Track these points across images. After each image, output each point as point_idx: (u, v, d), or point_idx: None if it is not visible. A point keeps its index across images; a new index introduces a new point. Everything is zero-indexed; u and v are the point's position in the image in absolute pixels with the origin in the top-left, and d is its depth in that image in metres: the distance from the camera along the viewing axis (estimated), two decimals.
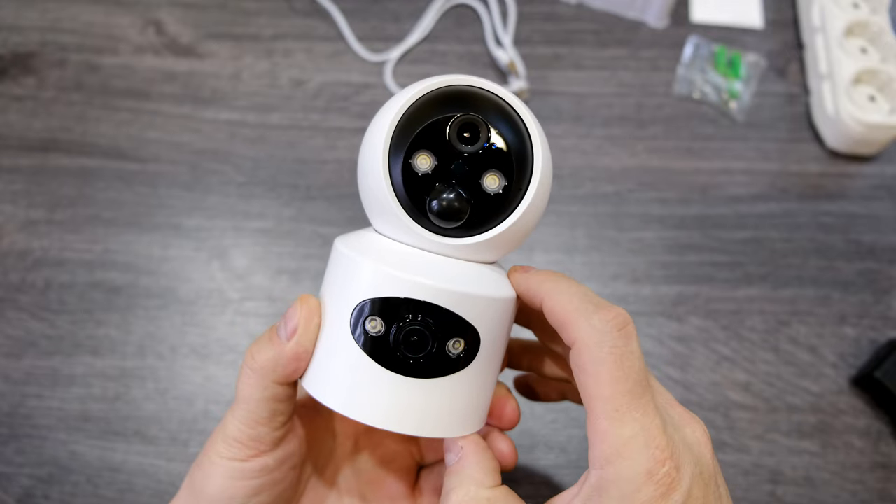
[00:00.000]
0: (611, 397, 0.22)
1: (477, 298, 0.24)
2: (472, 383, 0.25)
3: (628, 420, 0.22)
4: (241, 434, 0.26)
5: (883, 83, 0.52)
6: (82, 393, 0.43)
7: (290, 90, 0.53)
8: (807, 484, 0.42)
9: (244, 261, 0.47)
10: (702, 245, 0.49)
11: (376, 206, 0.25)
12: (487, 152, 0.24)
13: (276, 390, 0.26)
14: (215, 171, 0.50)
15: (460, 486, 0.25)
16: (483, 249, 0.25)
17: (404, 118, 0.24)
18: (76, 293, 0.46)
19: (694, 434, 0.24)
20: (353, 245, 0.25)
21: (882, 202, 0.51)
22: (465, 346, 0.24)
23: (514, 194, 0.24)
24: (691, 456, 0.22)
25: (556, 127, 0.52)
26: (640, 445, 0.22)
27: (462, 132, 0.24)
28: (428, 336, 0.24)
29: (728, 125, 0.53)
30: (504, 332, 0.26)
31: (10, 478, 0.41)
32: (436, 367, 0.24)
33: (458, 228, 0.24)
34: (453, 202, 0.23)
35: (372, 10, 0.56)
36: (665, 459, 0.22)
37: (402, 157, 0.24)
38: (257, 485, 0.27)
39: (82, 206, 0.48)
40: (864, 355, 0.46)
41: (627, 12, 0.57)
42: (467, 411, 0.25)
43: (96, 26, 0.55)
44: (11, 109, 0.52)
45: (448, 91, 0.24)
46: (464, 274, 0.24)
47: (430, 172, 0.24)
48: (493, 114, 0.24)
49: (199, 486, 0.27)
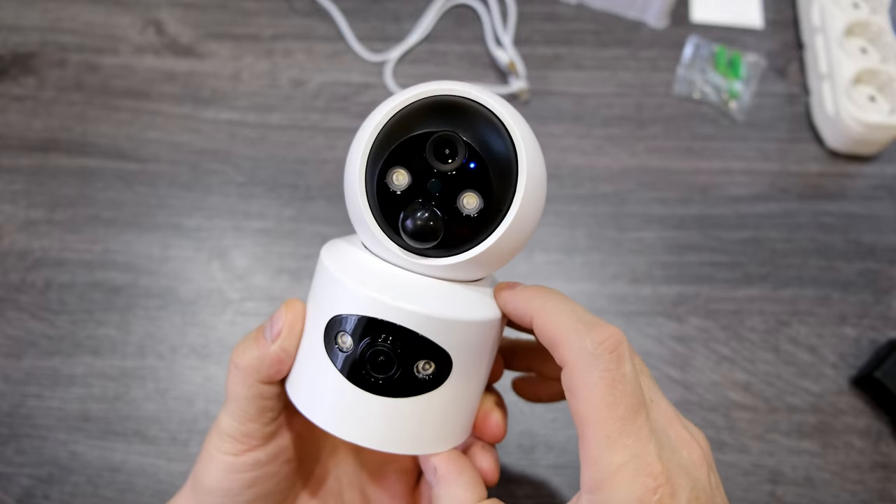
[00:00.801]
0: (601, 423, 0.22)
1: (445, 322, 0.23)
2: (444, 403, 0.25)
3: (619, 447, 0.21)
4: (232, 430, 0.27)
5: (883, 83, 0.52)
6: (82, 393, 0.43)
7: (290, 90, 0.53)
8: (807, 484, 0.42)
9: (244, 261, 0.47)
10: (702, 245, 0.49)
11: (356, 219, 0.24)
12: (465, 171, 0.22)
13: (261, 389, 0.26)
14: (215, 171, 0.50)
15: None
16: (461, 270, 0.24)
17: (383, 132, 0.23)
18: (76, 293, 0.46)
19: (691, 457, 0.23)
20: (334, 256, 0.25)
21: (882, 202, 0.51)
22: (434, 368, 0.24)
23: (494, 215, 0.23)
24: (688, 479, 0.22)
25: (556, 127, 0.52)
26: (631, 473, 0.21)
27: (440, 149, 0.23)
28: (392, 357, 0.23)
29: (728, 125, 0.53)
30: (483, 351, 0.25)
31: (10, 478, 0.41)
32: (402, 388, 0.24)
33: (436, 248, 0.23)
34: (427, 221, 0.22)
35: (372, 10, 0.56)
36: (657, 487, 0.21)
37: (377, 173, 0.23)
38: (251, 478, 0.27)
39: (82, 206, 0.48)
40: (864, 355, 0.46)
41: (627, 12, 0.57)
42: (439, 429, 0.25)
43: (96, 26, 0.55)
44: (11, 109, 0.52)
45: (431, 102, 0.23)
46: (437, 295, 0.24)
47: (406, 190, 0.23)
48: (477, 128, 0.23)
49: (199, 479, 0.28)
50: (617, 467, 0.21)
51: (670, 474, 0.21)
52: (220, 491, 0.27)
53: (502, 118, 0.23)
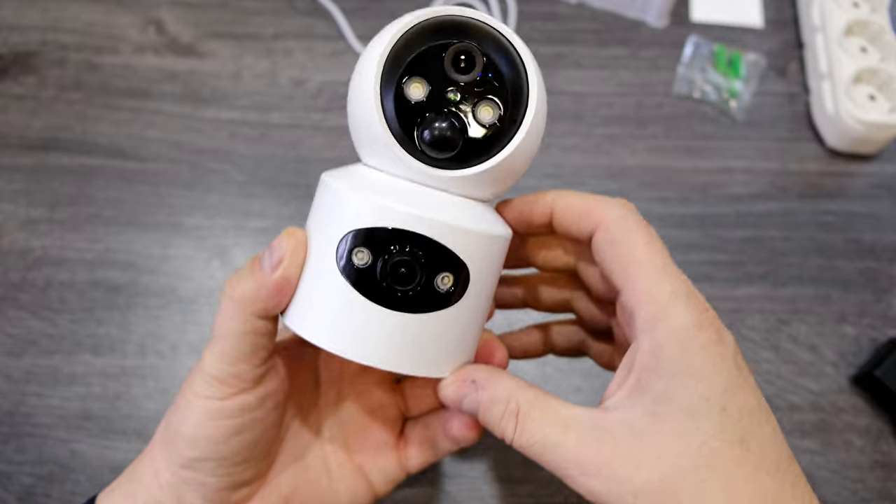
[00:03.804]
0: (649, 258, 0.24)
1: (468, 233, 0.23)
2: (460, 322, 0.24)
3: (668, 277, 0.23)
4: (219, 371, 0.25)
5: (883, 82, 0.52)
6: (83, 391, 0.43)
7: (290, 89, 0.53)
8: (807, 482, 0.42)
9: (245, 260, 0.47)
10: (702, 244, 0.49)
11: (366, 137, 0.24)
12: (482, 82, 0.23)
13: (256, 324, 0.25)
14: (216, 170, 0.50)
15: (508, 401, 0.24)
16: (476, 183, 0.24)
17: (398, 45, 0.23)
18: (76, 292, 0.46)
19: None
20: (342, 177, 0.25)
21: (882, 201, 0.51)
22: (454, 281, 0.23)
23: (509, 126, 0.23)
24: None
25: (557, 126, 0.52)
26: (685, 297, 0.23)
27: (457, 61, 0.23)
28: (416, 268, 0.23)
29: (728, 124, 0.53)
30: (494, 271, 0.25)
31: (10, 476, 0.41)
32: (423, 302, 0.23)
33: (451, 160, 0.23)
34: (446, 131, 0.23)
35: (372, 10, 0.56)
36: (708, 308, 0.23)
37: (394, 84, 0.23)
38: (238, 424, 0.25)
39: (83, 205, 0.48)
40: (865, 354, 0.46)
41: (627, 12, 0.57)
42: (453, 351, 0.25)
43: (97, 26, 0.55)
44: (12, 109, 0.52)
45: (444, 20, 0.23)
46: (455, 207, 0.24)
47: (423, 101, 0.23)
48: (489, 44, 0.23)
49: (174, 430, 0.26)
50: (670, 296, 0.23)
51: (706, 302, 0.23)
52: (202, 439, 0.25)
53: (509, 37, 0.24)
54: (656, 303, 0.23)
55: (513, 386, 0.24)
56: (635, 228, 0.24)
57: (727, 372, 0.22)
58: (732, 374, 0.22)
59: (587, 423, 0.22)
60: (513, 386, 0.24)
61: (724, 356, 0.22)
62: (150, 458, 0.27)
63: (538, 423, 0.23)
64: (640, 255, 0.24)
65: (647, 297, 0.23)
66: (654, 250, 0.24)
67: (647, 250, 0.24)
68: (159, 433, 0.27)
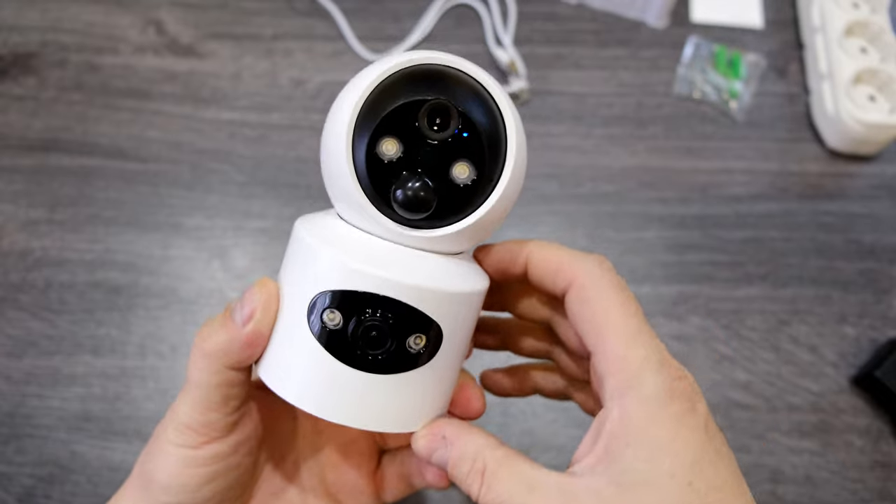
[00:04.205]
0: (622, 322, 0.23)
1: (441, 293, 0.23)
2: (433, 378, 0.24)
3: (640, 343, 0.22)
4: (191, 420, 0.25)
5: (883, 83, 0.52)
6: (83, 392, 0.43)
7: (290, 90, 0.53)
8: (807, 483, 0.42)
9: (245, 260, 0.47)
10: (702, 244, 0.49)
11: (338, 192, 0.23)
12: (458, 140, 0.22)
13: (228, 375, 0.24)
14: (216, 170, 0.50)
15: (475, 460, 0.24)
16: (450, 241, 0.23)
17: (370, 98, 0.22)
18: (77, 293, 0.46)
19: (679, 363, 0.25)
20: (314, 230, 0.24)
21: (882, 202, 0.51)
22: (426, 342, 0.23)
23: (485, 185, 0.23)
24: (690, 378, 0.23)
25: (556, 126, 0.52)
26: (656, 364, 0.22)
27: (432, 118, 0.22)
28: (387, 332, 0.22)
29: (728, 125, 0.53)
30: (468, 324, 0.25)
31: (10, 477, 0.41)
32: (395, 364, 0.23)
33: (425, 219, 0.23)
34: (419, 192, 0.22)
35: (372, 10, 0.56)
36: (681, 376, 0.22)
37: (366, 141, 0.22)
38: (211, 472, 0.25)
39: (83, 205, 0.48)
40: (865, 355, 0.46)
41: (627, 12, 0.57)
42: (426, 405, 0.25)
43: (97, 26, 0.55)
44: (12, 109, 0.52)
45: (419, 70, 0.22)
46: (428, 267, 0.23)
47: (396, 160, 0.22)
48: (466, 97, 0.22)
49: (148, 475, 0.26)
50: (641, 362, 0.22)
51: (684, 370, 0.23)
52: (176, 487, 0.25)
53: (488, 87, 0.23)
54: (627, 369, 0.22)
55: (481, 444, 0.24)
56: (609, 288, 0.24)
57: (697, 444, 0.21)
58: (702, 448, 0.21)
59: (553, 487, 0.22)
60: (481, 444, 0.24)
61: (694, 427, 0.21)
62: (131, 496, 0.27)
63: (504, 483, 0.23)
64: (613, 317, 0.23)
65: (619, 362, 0.22)
66: (628, 312, 0.23)
67: (620, 312, 0.23)
68: (134, 476, 0.27)
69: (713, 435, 0.22)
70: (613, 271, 0.24)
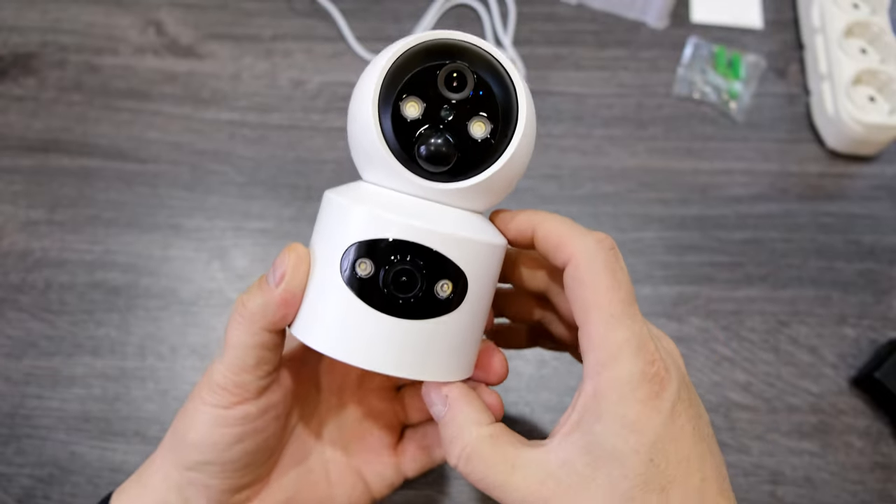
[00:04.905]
0: (606, 305, 0.24)
1: (465, 241, 0.25)
2: (459, 327, 0.26)
3: (622, 326, 0.23)
4: (225, 381, 0.26)
5: (883, 83, 0.52)
6: (82, 393, 0.43)
7: (290, 90, 0.53)
8: (807, 484, 0.42)
9: (244, 261, 0.47)
10: (702, 245, 0.49)
11: (366, 154, 0.25)
12: (474, 99, 0.25)
13: (264, 337, 0.26)
14: (215, 171, 0.50)
15: (460, 431, 0.25)
16: (471, 195, 0.25)
17: (394, 67, 0.25)
18: (76, 293, 0.46)
19: (669, 344, 0.26)
20: (344, 193, 0.26)
21: (882, 202, 0.51)
22: (453, 288, 0.25)
23: (501, 140, 0.25)
24: (672, 362, 0.24)
25: (556, 127, 0.52)
26: (634, 348, 0.23)
27: (450, 80, 0.24)
28: (416, 276, 0.24)
29: (728, 125, 0.53)
30: (491, 278, 0.26)
31: (10, 478, 0.41)
32: (424, 309, 0.25)
33: (446, 174, 0.25)
34: (441, 146, 0.24)
35: (372, 10, 0.56)
36: (655, 360, 0.23)
37: (391, 103, 0.24)
38: (240, 432, 0.27)
39: (83, 206, 0.48)
40: (865, 356, 0.46)
41: (627, 12, 0.57)
42: (453, 356, 0.26)
43: (96, 27, 0.55)
44: (12, 110, 0.52)
45: (436, 44, 0.25)
46: (452, 218, 0.25)
47: (419, 118, 0.24)
48: (480, 63, 0.25)
49: (181, 433, 0.27)
50: (620, 344, 0.23)
51: (661, 353, 0.24)
52: (206, 445, 0.27)
53: (499, 58, 0.26)
54: (606, 350, 0.23)
55: (474, 418, 0.25)
56: (601, 270, 0.24)
57: (660, 425, 0.23)
58: (664, 427, 0.23)
59: (532, 465, 0.24)
60: (474, 418, 0.25)
61: (659, 409, 0.23)
62: (160, 460, 0.28)
63: (485, 461, 0.24)
64: (600, 299, 0.24)
65: (599, 342, 0.24)
66: (616, 297, 0.24)
67: (607, 296, 0.24)
68: (168, 436, 0.28)
69: (678, 413, 0.23)
70: (611, 251, 0.25)
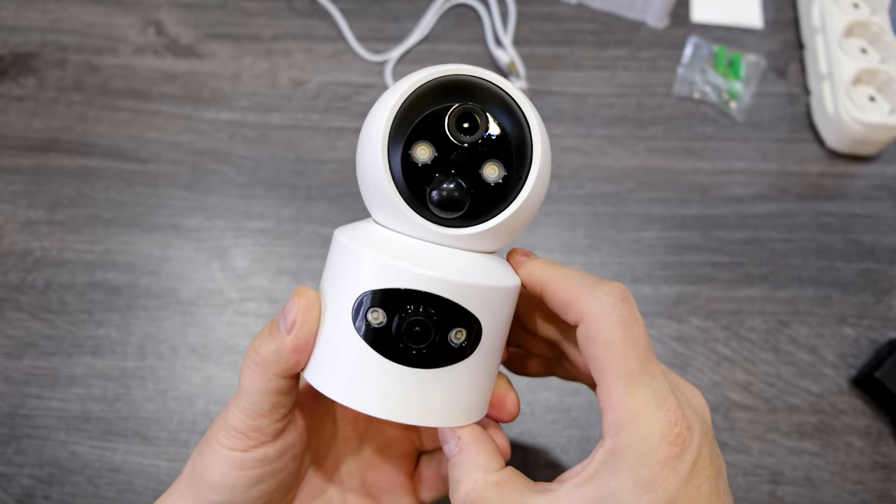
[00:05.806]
0: (623, 364, 0.23)
1: (479, 288, 0.24)
2: (474, 373, 0.25)
3: (640, 385, 0.23)
4: (242, 425, 0.26)
5: (883, 83, 0.52)
6: (82, 393, 0.43)
7: (290, 90, 0.53)
8: (807, 484, 0.42)
9: (244, 261, 0.47)
10: (702, 245, 0.49)
11: (376, 197, 0.25)
12: (486, 142, 0.24)
13: (278, 383, 0.26)
14: (215, 171, 0.50)
15: (466, 475, 0.25)
16: (484, 239, 0.25)
17: (403, 109, 0.24)
18: (76, 293, 0.46)
19: (695, 398, 0.25)
20: (354, 236, 0.25)
21: (882, 202, 0.51)
22: (466, 335, 0.24)
23: (514, 183, 0.24)
24: (696, 418, 0.23)
25: (556, 127, 0.52)
26: (654, 408, 0.23)
27: (461, 122, 0.24)
28: (430, 327, 0.24)
29: (728, 125, 0.53)
30: (505, 321, 0.26)
31: (10, 478, 0.41)
32: (438, 358, 0.24)
33: (459, 219, 0.24)
34: (453, 192, 0.23)
35: (372, 10, 0.56)
36: (677, 420, 0.23)
37: (401, 147, 0.23)
38: (258, 474, 0.27)
39: (82, 206, 0.48)
40: (865, 355, 0.46)
41: (627, 12, 0.57)
42: (468, 401, 0.25)
43: (96, 27, 0.55)
44: (12, 109, 0.52)
45: (446, 81, 0.24)
46: (465, 264, 0.24)
47: (430, 163, 0.24)
48: (492, 103, 0.24)
49: (200, 473, 0.27)
50: (640, 404, 0.23)
51: (684, 411, 0.23)
52: (225, 487, 0.27)
53: (511, 93, 0.25)
54: (624, 410, 0.23)
55: (483, 463, 0.25)
56: (615, 326, 0.24)
57: (676, 486, 0.22)
58: (681, 488, 0.22)
59: None
60: (483, 463, 0.25)
61: (677, 470, 0.22)
62: (179, 494, 0.28)
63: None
64: (616, 358, 0.23)
65: (617, 401, 0.23)
66: (632, 355, 0.23)
67: (623, 354, 0.23)
68: (187, 471, 0.28)
69: (696, 476, 0.23)
70: (624, 301, 0.24)
